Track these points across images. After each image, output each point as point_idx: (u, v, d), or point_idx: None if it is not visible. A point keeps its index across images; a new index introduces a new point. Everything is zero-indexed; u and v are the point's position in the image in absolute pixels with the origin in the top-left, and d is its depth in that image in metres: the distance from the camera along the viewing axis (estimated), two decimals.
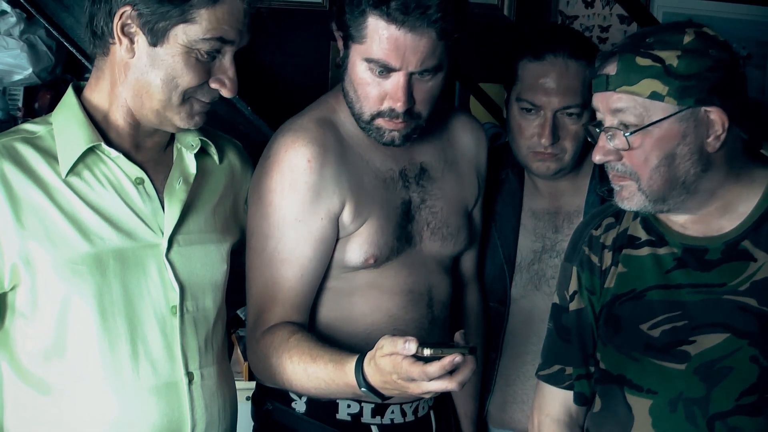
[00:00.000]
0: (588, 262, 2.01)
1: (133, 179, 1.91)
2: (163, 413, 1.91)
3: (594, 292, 1.99)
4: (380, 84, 2.03)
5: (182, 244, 1.96)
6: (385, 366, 1.70)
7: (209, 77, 1.89)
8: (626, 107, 1.79)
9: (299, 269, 2.06)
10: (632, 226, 1.97)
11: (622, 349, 1.91)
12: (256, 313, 2.07)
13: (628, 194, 1.85)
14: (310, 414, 2.20)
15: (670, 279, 1.88)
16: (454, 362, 1.63)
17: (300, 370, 1.93)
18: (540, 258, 2.48)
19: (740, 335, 1.81)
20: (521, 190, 2.53)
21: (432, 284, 2.24)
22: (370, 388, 1.78)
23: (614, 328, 1.94)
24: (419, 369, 1.65)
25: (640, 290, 1.91)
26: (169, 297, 1.93)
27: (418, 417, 2.28)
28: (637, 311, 1.91)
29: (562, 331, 2.06)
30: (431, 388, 1.68)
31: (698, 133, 1.79)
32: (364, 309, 2.13)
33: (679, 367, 1.84)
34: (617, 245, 1.97)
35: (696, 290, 1.85)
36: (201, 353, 1.98)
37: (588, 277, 2.00)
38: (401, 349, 1.66)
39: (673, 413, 1.84)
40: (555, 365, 2.07)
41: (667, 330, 1.86)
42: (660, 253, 1.90)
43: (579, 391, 2.05)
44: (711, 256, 1.85)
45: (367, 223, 2.11)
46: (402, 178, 2.19)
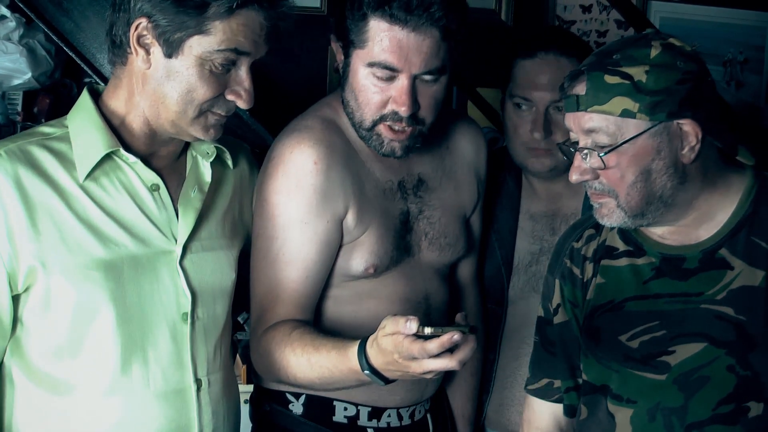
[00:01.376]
0: (570, 274, 2.02)
1: (149, 185, 1.94)
2: (171, 419, 1.94)
3: (577, 304, 2.01)
4: (383, 90, 2.04)
5: (194, 251, 1.99)
6: (387, 346, 1.72)
7: (225, 89, 1.90)
8: (598, 126, 1.80)
9: (304, 271, 2.07)
10: (610, 236, 1.98)
11: (603, 361, 1.93)
12: (259, 313, 2.09)
13: (608, 211, 1.86)
14: (306, 416, 2.22)
15: (648, 289, 1.90)
16: (453, 340, 1.65)
17: (303, 361, 1.93)
18: (537, 260, 2.51)
19: (717, 344, 1.82)
20: (519, 192, 2.57)
21: (429, 292, 2.26)
22: (373, 371, 1.80)
23: (595, 339, 1.95)
24: (419, 346, 1.67)
25: (618, 301, 1.93)
26: (181, 304, 1.95)
27: (415, 421, 2.31)
28: (616, 322, 1.92)
29: (547, 344, 2.08)
30: (432, 367, 1.70)
31: (672, 147, 1.80)
32: (362, 317, 2.14)
33: (657, 377, 1.85)
34: (597, 256, 1.98)
35: (674, 300, 1.87)
36: (209, 360, 2.01)
37: (570, 289, 2.02)
38: (403, 328, 1.68)
39: (652, 422, 1.86)
40: (543, 379, 2.09)
41: (646, 341, 1.88)
42: (638, 264, 1.92)
43: (568, 404, 2.06)
44: (688, 264, 1.87)
45: (369, 231, 2.12)
46: (400, 189, 2.20)
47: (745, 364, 1.80)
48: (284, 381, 2.03)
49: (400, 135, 2.06)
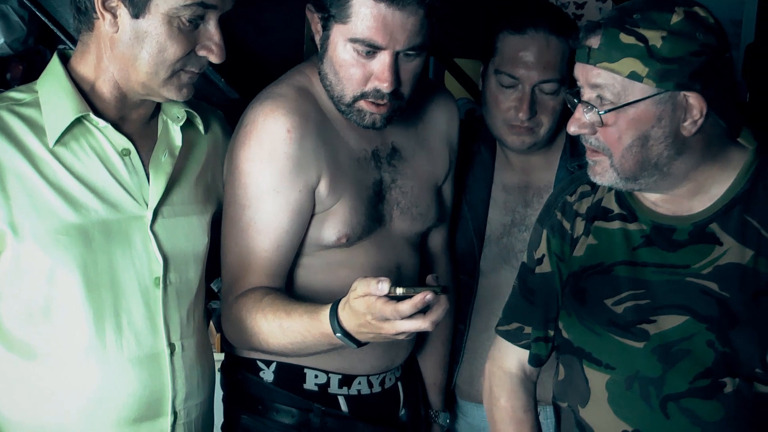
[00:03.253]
0: (559, 227, 2.04)
1: (119, 150, 1.95)
2: (145, 384, 1.96)
3: (563, 258, 2.02)
4: (364, 65, 2.04)
5: (166, 216, 2.00)
6: (359, 307, 1.73)
7: (195, 45, 1.91)
8: (604, 83, 1.80)
9: (275, 240, 2.08)
10: (606, 197, 1.99)
11: (585, 322, 1.95)
12: (231, 281, 2.10)
13: (601, 169, 1.86)
14: (277, 383, 2.24)
15: (636, 256, 1.91)
16: (426, 300, 1.66)
17: (275, 326, 1.95)
18: (509, 232, 2.54)
19: (700, 319, 1.84)
20: (493, 163, 2.58)
21: (400, 262, 2.28)
22: (345, 334, 1.81)
23: (580, 300, 1.97)
24: (392, 307, 1.68)
25: (608, 264, 1.94)
26: (153, 269, 1.97)
27: (385, 388, 2.34)
28: (603, 286, 1.94)
29: (526, 292, 2.09)
30: (404, 328, 1.71)
31: (674, 117, 1.79)
32: (334, 286, 2.14)
33: (637, 345, 1.87)
34: (590, 215, 1.99)
35: (660, 270, 1.88)
36: (183, 325, 2.02)
37: (558, 242, 2.04)
38: (374, 289, 1.69)
39: (628, 390, 1.89)
40: (514, 323, 2.11)
41: (630, 307, 1.90)
42: (630, 229, 1.93)
43: (535, 353, 2.09)
44: (678, 236, 1.88)
45: (341, 201, 2.13)
46: (374, 158, 2.22)
47: (725, 340, 1.82)
48: (256, 347, 2.04)
49: (381, 108, 2.08)
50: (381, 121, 2.10)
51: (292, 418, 2.23)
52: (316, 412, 2.24)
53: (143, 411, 1.97)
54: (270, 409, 2.25)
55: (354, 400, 2.28)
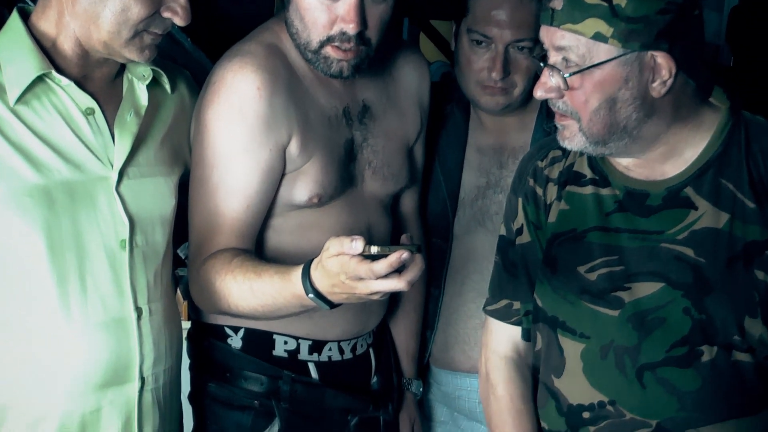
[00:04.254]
0: (533, 194, 2.04)
1: (83, 109, 1.94)
2: (112, 349, 1.95)
3: (540, 226, 2.03)
4: (329, 8, 2.04)
5: (132, 177, 2.00)
6: (332, 267, 1.72)
7: (160, 6, 1.90)
8: (569, 45, 1.79)
9: (245, 200, 2.07)
10: (578, 162, 1.99)
11: (558, 291, 1.95)
12: (199, 244, 2.10)
13: (570, 134, 1.86)
14: (246, 350, 2.25)
15: (609, 222, 1.91)
16: (402, 259, 1.65)
17: (245, 288, 1.94)
18: (484, 194, 2.54)
19: (675, 286, 1.84)
20: (466, 125, 2.58)
21: (372, 224, 2.29)
22: (317, 295, 1.80)
23: (552, 268, 1.97)
24: (366, 267, 1.66)
25: (580, 231, 1.94)
26: (119, 231, 1.96)
27: (357, 355, 2.35)
28: (576, 252, 1.94)
29: (509, 265, 2.10)
30: (379, 288, 1.70)
31: (642, 78, 1.78)
32: (304, 248, 2.14)
33: (612, 313, 1.88)
34: (562, 180, 2.00)
35: (634, 236, 1.88)
36: (150, 288, 2.03)
37: (533, 210, 2.04)
38: (348, 248, 1.68)
39: (603, 360, 1.89)
40: (502, 300, 2.10)
41: (604, 274, 1.90)
42: (602, 194, 1.93)
43: (527, 327, 2.08)
44: (652, 201, 1.88)
45: (313, 160, 2.13)
46: (345, 116, 2.22)
47: (701, 307, 1.83)
48: (225, 311, 2.04)
49: (348, 54, 2.07)
50: (348, 69, 2.10)
51: (260, 386, 2.23)
52: (286, 379, 2.24)
53: (110, 377, 1.97)
54: (238, 376, 2.24)
55: (324, 366, 2.29)
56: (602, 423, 1.90)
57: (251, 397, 2.24)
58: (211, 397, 2.28)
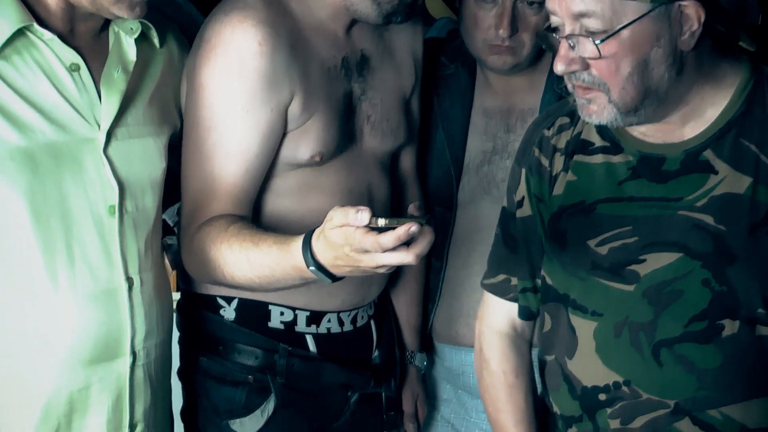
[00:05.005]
0: (537, 165, 2.00)
1: (67, 65, 1.89)
2: (101, 322, 1.93)
3: (542, 199, 1.99)
4: None
5: (120, 138, 1.96)
6: (335, 239, 1.68)
7: None
8: (591, 10, 1.70)
9: (244, 164, 2.04)
10: (587, 129, 1.94)
11: (568, 267, 1.92)
12: (193, 210, 2.07)
13: (598, 108, 1.78)
14: (239, 322, 2.22)
15: (622, 191, 1.87)
16: (411, 232, 1.61)
17: (242, 258, 1.91)
18: (490, 160, 2.50)
19: (693, 256, 1.80)
20: (472, 86, 2.54)
21: (372, 184, 2.27)
22: (319, 267, 1.77)
23: (560, 243, 1.94)
24: (373, 239, 1.62)
25: (589, 203, 1.90)
26: (107, 196, 1.93)
27: (357, 327, 2.33)
28: (585, 226, 1.90)
29: (508, 239, 2.07)
30: (386, 261, 1.66)
31: (672, 32, 1.72)
32: (303, 211, 2.13)
33: (627, 288, 1.84)
34: (569, 150, 1.95)
35: (649, 204, 1.84)
36: (141, 257, 2.00)
37: (537, 182, 2.00)
38: (353, 219, 1.63)
39: (617, 338, 1.86)
40: (500, 275, 2.08)
41: (616, 248, 1.86)
42: (614, 162, 1.88)
43: (524, 305, 2.07)
44: (668, 166, 1.84)
45: (315, 117, 2.10)
46: (344, 67, 2.18)
47: (722, 278, 1.79)
48: (220, 281, 2.02)
49: None
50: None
51: (255, 360, 2.20)
52: (282, 352, 2.20)
53: (100, 351, 1.94)
54: (231, 350, 2.21)
55: (323, 339, 2.26)
56: (618, 405, 1.87)
57: (245, 372, 2.20)
58: (202, 372, 2.25)
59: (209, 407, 2.24)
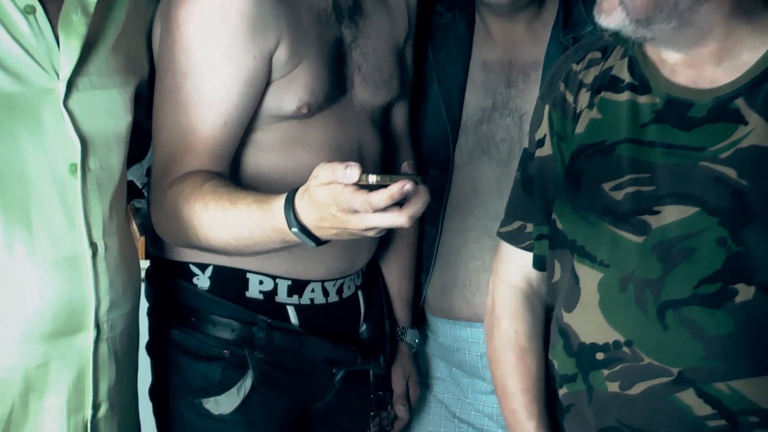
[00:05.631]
0: (562, 101, 1.95)
1: (22, 8, 1.80)
2: (62, 292, 1.86)
3: (564, 137, 1.94)
4: None
5: (82, 89, 1.88)
6: (321, 197, 1.62)
7: None
8: None
9: (222, 115, 1.98)
10: (618, 65, 1.90)
11: (579, 210, 1.88)
12: (165, 164, 2.01)
13: (608, 7, 1.74)
14: (214, 291, 2.17)
15: (644, 134, 1.82)
16: (405, 190, 1.55)
17: (217, 218, 1.85)
18: (489, 117, 2.43)
19: (710, 212, 1.75)
20: (470, 37, 2.47)
21: (362, 140, 2.21)
22: (302, 229, 1.71)
23: (575, 184, 1.90)
24: (363, 197, 1.56)
25: (610, 143, 1.85)
26: (69, 154, 1.85)
27: (344, 298, 2.28)
28: (603, 167, 1.86)
29: (526, 181, 2.04)
30: (376, 223, 1.60)
31: None
32: (287, 168, 2.08)
33: (635, 239, 1.79)
34: (596, 85, 1.91)
35: (670, 152, 1.79)
36: (105, 220, 1.94)
37: (560, 119, 1.95)
38: (341, 176, 1.56)
39: (621, 293, 1.81)
40: (516, 221, 2.05)
41: (631, 194, 1.81)
42: (639, 102, 1.84)
43: (539, 254, 2.02)
44: (695, 112, 1.78)
45: (303, 65, 2.05)
46: (335, 10, 2.14)
47: (739, 238, 1.73)
48: (194, 244, 1.96)
49: None
50: None
51: (231, 333, 2.15)
52: (261, 325, 2.15)
53: (60, 325, 1.87)
54: (205, 321, 2.16)
55: (306, 311, 2.20)
56: (617, 366, 1.81)
57: (221, 346, 2.15)
58: (173, 345, 2.20)
59: (181, 385, 2.19)
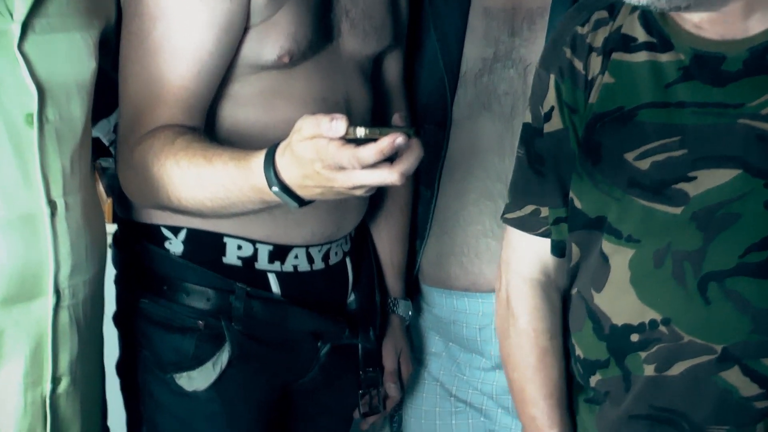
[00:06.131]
0: (570, 68, 1.87)
1: None
2: (17, 254, 1.79)
3: (576, 109, 1.87)
4: None
5: (39, 31, 1.80)
6: (304, 153, 1.58)
7: None
8: None
9: (196, 63, 1.93)
10: (628, 22, 1.83)
11: (601, 185, 1.81)
12: (133, 117, 1.96)
13: None
14: (188, 257, 2.12)
15: (670, 95, 1.75)
16: (396, 143, 1.49)
17: (191, 176, 1.81)
18: (491, 68, 2.35)
19: (755, 173, 1.68)
20: None
21: (350, 92, 2.15)
22: (284, 188, 1.67)
23: (593, 158, 1.83)
24: (350, 152, 1.51)
25: (629, 108, 1.78)
26: (24, 103, 1.77)
27: (330, 265, 2.22)
28: (623, 136, 1.79)
29: (534, 161, 1.96)
30: (365, 180, 1.56)
31: None
32: (267, 123, 2.02)
33: (672, 210, 1.73)
34: (608, 48, 1.84)
35: (703, 111, 1.72)
36: (66, 176, 1.86)
37: (569, 89, 1.87)
38: (326, 129, 1.52)
39: (657, 269, 1.75)
40: (528, 205, 1.96)
41: (660, 162, 1.74)
42: (661, 61, 1.77)
43: (557, 239, 1.95)
44: (729, 66, 1.71)
45: (284, 9, 2.00)
46: None
47: None
48: (165, 205, 1.91)
49: None
50: None
51: (207, 302, 2.09)
52: (239, 293, 2.09)
53: (15, 290, 1.79)
54: (178, 290, 2.11)
55: (289, 279, 2.15)
56: (654, 347, 1.76)
57: (195, 317, 2.10)
58: (143, 316, 2.14)
59: (151, 359, 2.13)
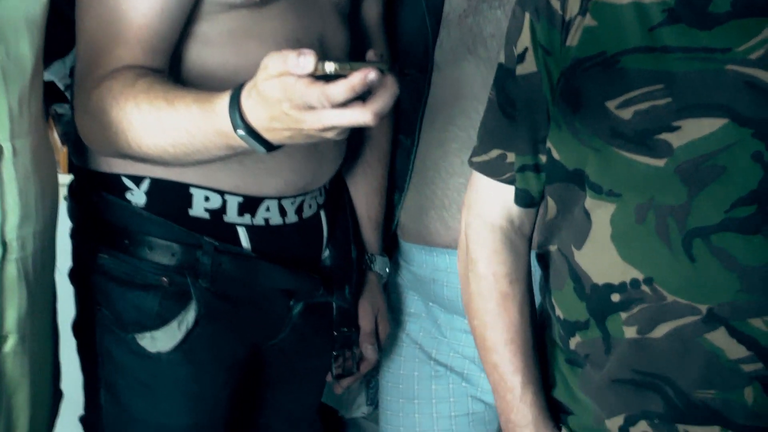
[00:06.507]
0: (546, 7, 1.81)
1: None
2: None
3: (551, 51, 1.80)
4: None
5: None
6: (271, 92, 1.52)
7: None
8: None
9: (158, 0, 1.88)
10: None
11: (580, 135, 1.76)
12: (90, 58, 1.89)
13: None
14: (152, 209, 2.06)
15: (655, 39, 1.70)
16: (368, 79, 1.42)
17: (152, 120, 1.74)
18: (476, 9, 2.28)
19: (742, 122, 1.64)
20: None
21: (325, 33, 2.10)
22: (250, 132, 1.61)
23: (573, 105, 1.77)
24: (319, 90, 1.45)
25: (612, 54, 1.73)
26: None
27: (303, 218, 2.17)
28: (605, 83, 1.74)
29: (505, 104, 1.89)
30: (335, 121, 1.48)
31: None
32: (236, 65, 1.96)
33: (655, 162, 1.69)
34: None
35: (689, 56, 1.67)
36: (14, 119, 1.79)
37: (545, 29, 1.80)
38: (294, 65, 1.45)
39: (639, 224, 1.72)
40: (494, 149, 1.90)
41: (643, 111, 1.69)
42: (645, 2, 1.72)
43: (522, 188, 1.90)
44: (716, 8, 1.66)
45: None
46: None
47: None
48: (125, 152, 1.84)
49: None
50: None
51: (172, 257, 2.04)
52: (207, 248, 2.04)
53: None
54: (140, 244, 2.05)
55: (260, 232, 2.10)
56: (636, 308, 1.73)
57: (158, 273, 2.05)
58: (102, 272, 2.08)
59: (110, 318, 2.07)
